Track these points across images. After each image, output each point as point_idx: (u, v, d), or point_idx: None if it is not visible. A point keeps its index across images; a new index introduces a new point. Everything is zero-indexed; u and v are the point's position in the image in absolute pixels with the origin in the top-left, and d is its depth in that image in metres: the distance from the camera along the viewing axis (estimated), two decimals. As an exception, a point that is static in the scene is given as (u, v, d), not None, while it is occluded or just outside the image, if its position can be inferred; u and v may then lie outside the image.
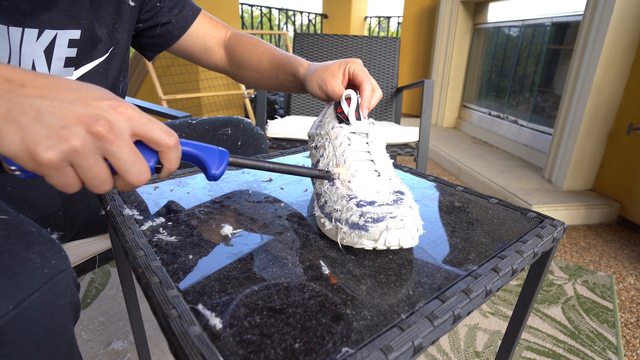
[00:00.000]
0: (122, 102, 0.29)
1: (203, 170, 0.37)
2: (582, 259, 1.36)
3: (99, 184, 0.28)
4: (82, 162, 0.27)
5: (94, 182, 0.28)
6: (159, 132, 0.30)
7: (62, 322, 0.33)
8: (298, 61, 0.58)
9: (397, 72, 1.81)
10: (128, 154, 0.28)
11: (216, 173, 0.36)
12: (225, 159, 0.37)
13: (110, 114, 0.27)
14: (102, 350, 0.85)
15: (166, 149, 0.31)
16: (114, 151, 0.27)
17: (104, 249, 0.61)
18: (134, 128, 0.28)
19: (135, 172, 0.29)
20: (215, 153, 0.36)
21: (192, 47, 0.67)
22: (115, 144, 0.27)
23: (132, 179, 0.29)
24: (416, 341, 0.26)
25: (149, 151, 0.31)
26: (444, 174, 2.27)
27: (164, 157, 0.31)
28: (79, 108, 0.26)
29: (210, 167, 0.36)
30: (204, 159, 0.36)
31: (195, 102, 2.53)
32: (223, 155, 0.37)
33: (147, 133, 0.29)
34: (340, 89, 0.49)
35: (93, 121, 0.26)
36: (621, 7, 1.53)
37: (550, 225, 0.44)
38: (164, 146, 0.30)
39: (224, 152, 0.37)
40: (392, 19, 4.42)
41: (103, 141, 0.27)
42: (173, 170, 0.33)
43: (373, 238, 0.34)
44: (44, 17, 0.46)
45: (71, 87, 0.27)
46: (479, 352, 0.89)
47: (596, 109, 1.66)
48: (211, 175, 0.36)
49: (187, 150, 0.35)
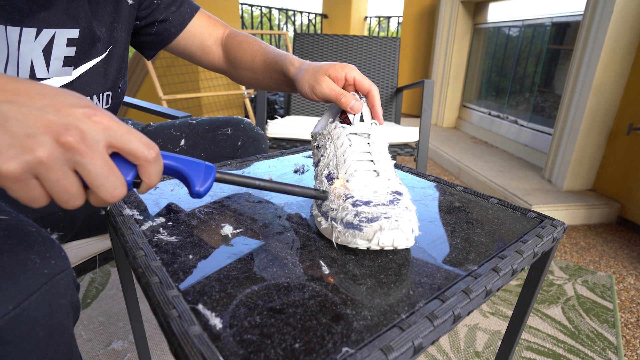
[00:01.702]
0: (99, 110, 0.26)
1: (186, 185, 0.34)
2: (582, 259, 1.36)
3: (68, 198, 0.26)
4: (49, 174, 0.24)
5: (61, 196, 0.25)
6: (138, 144, 0.27)
7: (61, 323, 0.33)
8: (289, 59, 0.56)
9: (397, 72, 1.81)
10: (101, 167, 0.25)
11: (200, 190, 0.33)
12: (212, 174, 0.34)
13: (84, 122, 0.25)
14: (102, 350, 0.85)
15: (145, 162, 0.28)
16: (85, 163, 0.25)
17: (104, 249, 0.61)
18: (110, 139, 0.26)
19: (109, 187, 0.26)
20: (200, 168, 0.34)
21: (189, 46, 0.66)
22: (87, 155, 0.25)
23: (105, 194, 0.26)
24: (416, 341, 0.26)
25: (127, 164, 0.28)
26: (444, 174, 2.27)
27: (142, 171, 0.29)
28: (49, 115, 0.24)
29: (194, 184, 0.33)
30: (188, 174, 0.33)
31: (195, 102, 2.53)
32: (209, 170, 0.34)
33: (125, 145, 0.27)
34: (332, 91, 0.47)
35: (63, 130, 0.24)
36: (621, 7, 1.53)
37: (550, 225, 0.44)
38: (142, 159, 0.28)
39: (210, 167, 0.34)
40: (392, 19, 4.42)
41: (73, 152, 0.24)
42: (154, 186, 0.30)
43: (367, 238, 0.34)
44: (42, 16, 0.46)
45: (44, 93, 0.25)
46: (479, 352, 0.89)
47: (596, 109, 1.66)
48: (194, 192, 0.33)
49: (169, 163, 0.32)
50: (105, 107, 0.60)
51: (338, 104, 0.47)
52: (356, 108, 0.45)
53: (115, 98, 0.61)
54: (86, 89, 0.54)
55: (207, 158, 0.68)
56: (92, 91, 0.55)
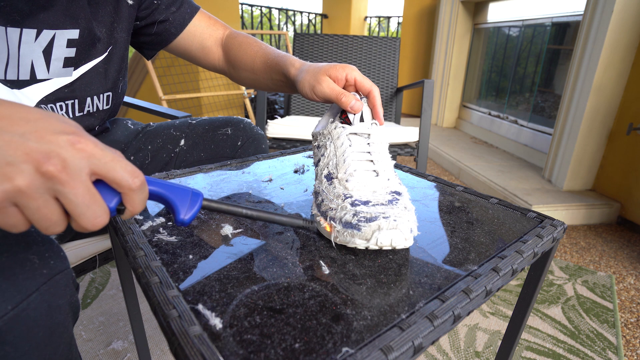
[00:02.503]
0: (84, 137, 0.26)
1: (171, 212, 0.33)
2: (582, 259, 1.36)
3: (48, 225, 0.25)
4: (29, 203, 0.24)
5: (41, 223, 0.25)
6: (122, 172, 0.27)
7: (61, 323, 0.33)
8: (290, 60, 0.56)
9: (397, 72, 1.81)
10: (82, 196, 0.25)
11: (184, 219, 0.32)
12: (198, 202, 0.33)
13: (67, 150, 0.24)
14: (102, 350, 0.85)
15: (129, 191, 0.27)
16: (66, 193, 0.24)
17: (104, 249, 0.61)
18: (93, 167, 0.26)
19: (90, 216, 0.26)
20: (187, 195, 0.33)
21: (189, 46, 0.66)
22: (69, 185, 0.24)
23: (86, 223, 0.26)
24: (416, 341, 0.26)
25: (111, 191, 0.28)
26: (444, 174, 2.27)
27: (127, 199, 0.28)
28: (31, 143, 0.23)
29: (179, 212, 0.32)
30: (173, 201, 0.32)
31: (195, 102, 2.53)
32: (195, 197, 0.33)
33: (109, 173, 0.26)
34: (332, 91, 0.47)
35: (44, 159, 0.23)
36: (621, 7, 1.53)
37: (550, 225, 0.44)
38: (126, 188, 0.27)
39: (196, 194, 0.34)
40: (392, 19, 4.42)
41: (54, 181, 0.24)
42: (137, 213, 0.30)
43: (365, 237, 0.34)
44: (42, 17, 0.46)
45: (28, 118, 0.25)
46: (479, 352, 0.89)
47: (596, 109, 1.66)
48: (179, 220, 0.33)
49: (155, 190, 0.32)
50: (105, 107, 0.60)
51: (338, 104, 0.47)
52: (356, 108, 0.45)
53: (115, 98, 0.61)
54: (86, 90, 0.54)
55: (207, 158, 0.68)
56: (92, 92, 0.55)
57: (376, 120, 0.46)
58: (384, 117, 1.83)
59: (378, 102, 0.47)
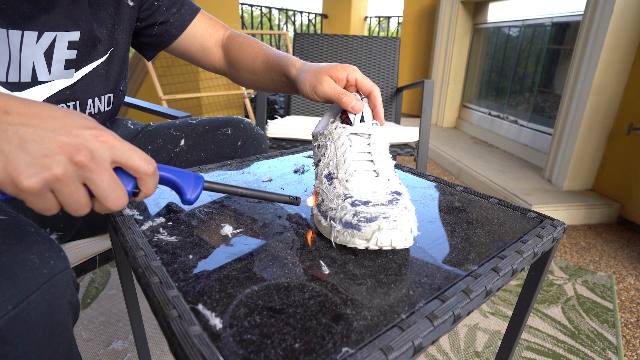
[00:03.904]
0: (104, 130, 0.30)
1: (178, 194, 0.38)
2: (582, 259, 1.36)
3: (78, 208, 0.29)
4: (63, 188, 0.28)
5: (72, 206, 0.29)
6: (139, 160, 0.31)
7: (61, 323, 0.33)
8: (290, 61, 0.56)
9: (397, 72, 1.81)
10: (107, 181, 0.29)
11: (191, 198, 0.38)
12: (201, 184, 0.39)
13: (92, 143, 0.28)
14: (102, 350, 0.85)
15: (144, 176, 0.32)
16: (94, 179, 0.29)
17: (104, 249, 0.61)
18: (114, 156, 0.30)
19: (114, 198, 0.30)
20: (191, 178, 0.38)
21: (190, 47, 0.66)
22: (96, 172, 0.28)
23: (111, 204, 0.30)
24: (416, 341, 0.26)
25: (127, 176, 0.32)
26: (444, 174, 2.27)
27: (142, 182, 0.33)
28: (62, 137, 0.27)
29: (186, 192, 0.38)
30: (180, 184, 0.38)
31: (195, 102, 2.53)
32: (198, 180, 0.39)
33: (127, 161, 0.31)
34: (333, 90, 0.47)
35: (75, 150, 0.27)
36: (621, 7, 1.53)
37: (550, 225, 0.44)
38: (142, 173, 0.32)
39: (199, 178, 0.39)
40: (392, 19, 4.42)
41: (84, 170, 0.28)
42: (150, 195, 0.34)
43: (365, 237, 0.34)
44: (43, 19, 0.46)
45: (55, 116, 0.28)
46: (479, 352, 0.89)
47: (596, 109, 1.66)
48: (186, 199, 0.38)
49: (164, 175, 0.37)
50: (106, 109, 0.60)
51: (339, 104, 0.47)
52: (357, 108, 0.45)
53: (116, 100, 0.61)
54: (88, 91, 0.54)
55: (207, 158, 0.68)
56: (93, 93, 0.55)
57: (377, 121, 0.46)
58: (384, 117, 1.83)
59: (379, 102, 0.47)
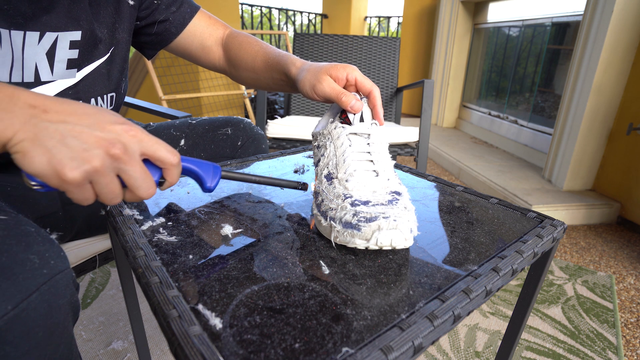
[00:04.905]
0: (133, 125, 0.33)
1: (199, 183, 0.41)
2: (582, 259, 1.36)
3: (112, 197, 0.32)
4: (101, 179, 0.30)
5: (108, 195, 0.32)
6: (165, 152, 0.34)
7: (61, 323, 0.33)
8: (291, 60, 0.56)
9: (397, 72, 1.81)
10: (139, 172, 0.32)
11: (211, 186, 0.41)
12: (218, 173, 0.42)
13: (124, 137, 0.31)
14: (102, 350, 0.85)
15: (170, 166, 0.35)
16: (128, 170, 0.31)
17: (104, 249, 0.61)
18: (143, 149, 0.32)
19: (145, 187, 0.33)
20: (210, 168, 0.41)
21: (189, 46, 0.66)
22: (129, 163, 0.31)
23: (142, 193, 0.33)
24: (416, 341, 0.26)
25: (154, 167, 0.35)
26: (444, 174, 2.27)
27: (167, 173, 0.35)
28: (98, 132, 0.30)
29: (206, 181, 0.41)
30: (201, 173, 0.41)
31: (195, 102, 2.53)
32: (216, 170, 0.42)
33: (155, 153, 0.33)
34: (333, 90, 0.47)
35: (110, 144, 0.30)
36: (621, 7, 1.53)
37: (550, 225, 0.44)
38: (168, 164, 0.35)
39: (217, 167, 0.42)
40: (392, 19, 4.41)
41: (119, 162, 0.31)
42: (173, 184, 0.37)
43: (365, 237, 0.34)
44: (45, 19, 0.46)
45: (88, 113, 0.31)
46: (479, 352, 0.89)
47: (596, 109, 1.66)
48: (207, 187, 0.41)
49: (186, 166, 0.40)
50: (109, 108, 0.60)
51: (339, 103, 0.47)
52: (356, 107, 0.45)
53: (118, 99, 0.61)
54: (90, 91, 0.54)
55: (207, 158, 0.68)
56: (96, 93, 0.55)
57: (376, 121, 0.46)
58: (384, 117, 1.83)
59: (378, 102, 0.47)
